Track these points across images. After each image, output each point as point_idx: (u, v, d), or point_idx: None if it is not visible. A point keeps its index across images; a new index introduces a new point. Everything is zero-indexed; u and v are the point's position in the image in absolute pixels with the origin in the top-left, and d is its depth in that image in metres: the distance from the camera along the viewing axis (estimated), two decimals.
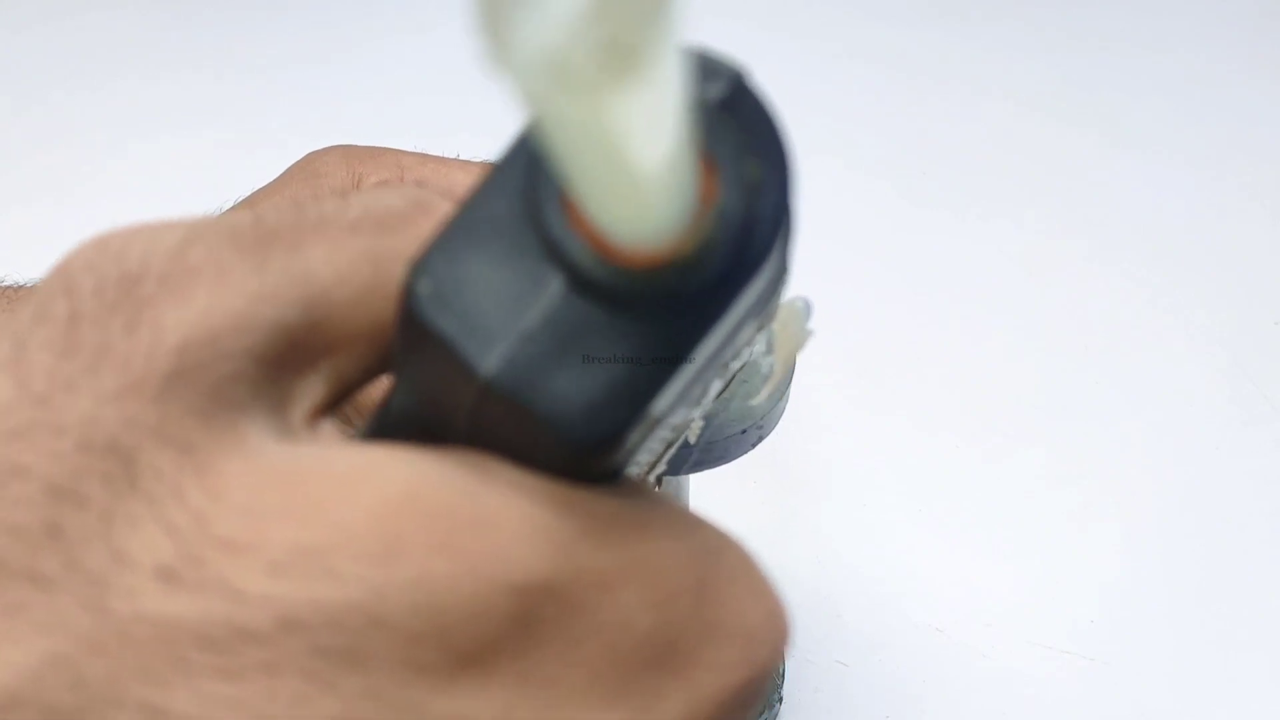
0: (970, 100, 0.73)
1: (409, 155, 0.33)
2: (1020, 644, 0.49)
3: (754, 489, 0.54)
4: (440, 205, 0.15)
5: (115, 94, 0.75)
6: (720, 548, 0.15)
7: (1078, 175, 0.68)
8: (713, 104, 0.14)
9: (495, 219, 0.14)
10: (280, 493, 0.13)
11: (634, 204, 0.12)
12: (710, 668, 0.14)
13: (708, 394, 0.17)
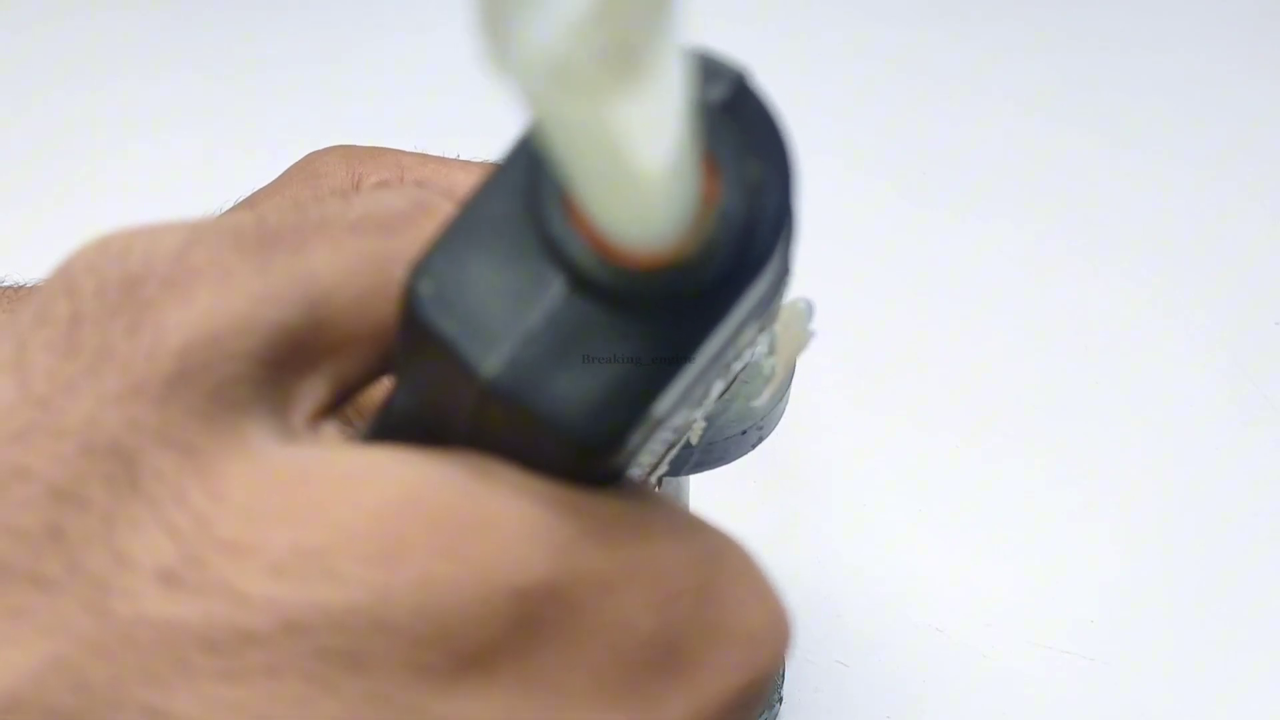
0: (970, 100, 0.73)
1: (409, 155, 0.33)
2: (1020, 644, 0.49)
3: (754, 489, 0.54)
4: (442, 206, 0.15)
5: (115, 94, 0.75)
6: (722, 549, 0.15)
7: (1078, 175, 0.68)
8: (714, 105, 0.14)
9: (497, 220, 0.14)
10: (282, 494, 0.13)
11: (636, 205, 0.12)
12: (712, 669, 0.14)
13: (710, 395, 0.17)
